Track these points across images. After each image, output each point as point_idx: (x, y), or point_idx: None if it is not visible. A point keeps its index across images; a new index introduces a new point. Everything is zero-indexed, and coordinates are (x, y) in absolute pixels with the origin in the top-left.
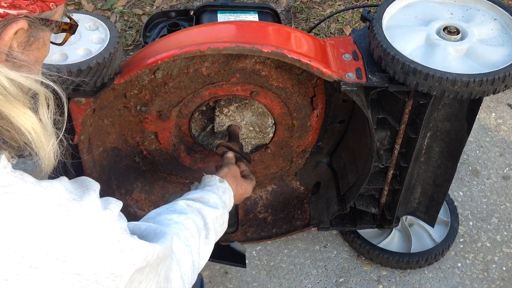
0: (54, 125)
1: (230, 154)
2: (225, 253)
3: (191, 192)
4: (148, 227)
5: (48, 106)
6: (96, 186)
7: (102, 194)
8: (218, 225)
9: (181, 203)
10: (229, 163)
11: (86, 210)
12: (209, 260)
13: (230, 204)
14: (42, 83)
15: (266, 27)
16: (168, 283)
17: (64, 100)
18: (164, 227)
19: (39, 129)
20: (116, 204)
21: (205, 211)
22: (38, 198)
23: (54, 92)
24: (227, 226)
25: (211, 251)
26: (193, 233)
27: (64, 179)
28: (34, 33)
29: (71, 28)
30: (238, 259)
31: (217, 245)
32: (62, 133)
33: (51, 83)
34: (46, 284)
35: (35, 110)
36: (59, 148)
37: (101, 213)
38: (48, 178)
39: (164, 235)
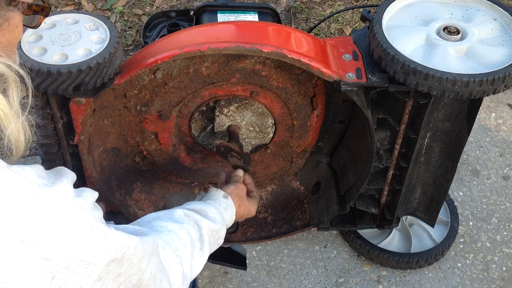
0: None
1: (240, 173)
2: (226, 255)
3: (193, 202)
4: (133, 228)
5: (17, 89)
6: (70, 175)
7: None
8: (214, 238)
9: (179, 211)
10: (237, 181)
11: (57, 195)
12: (209, 261)
13: (230, 221)
14: (11, 66)
15: (266, 27)
16: (156, 283)
17: (30, 84)
18: (149, 231)
19: (7, 110)
20: (90, 194)
21: (203, 223)
22: (7, 182)
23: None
24: (222, 241)
25: (204, 262)
26: (186, 243)
27: (38, 166)
28: (1, 14)
29: (43, 10)
30: (239, 261)
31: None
32: (26, 114)
33: (17, 67)
34: (13, 267)
35: (4, 93)
36: (30, 132)
37: (73, 200)
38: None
39: (146, 235)
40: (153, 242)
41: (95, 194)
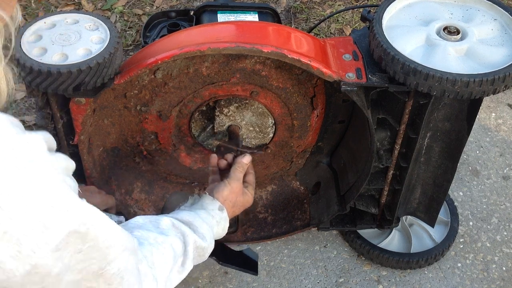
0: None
1: (247, 160)
2: (237, 258)
3: (183, 211)
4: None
5: None
6: (49, 138)
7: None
8: (198, 255)
9: (166, 220)
10: (236, 178)
11: (26, 143)
12: (220, 263)
13: (220, 235)
14: None
15: (266, 27)
16: (123, 285)
17: (12, 30)
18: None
19: None
20: (64, 159)
21: (190, 237)
22: None
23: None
24: (206, 258)
25: (183, 277)
26: (167, 259)
27: (12, 118)
28: None
29: None
30: (250, 266)
31: (229, 249)
32: (8, 63)
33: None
34: None
35: None
36: (12, 77)
37: (43, 153)
38: None
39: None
40: (133, 242)
41: (70, 163)
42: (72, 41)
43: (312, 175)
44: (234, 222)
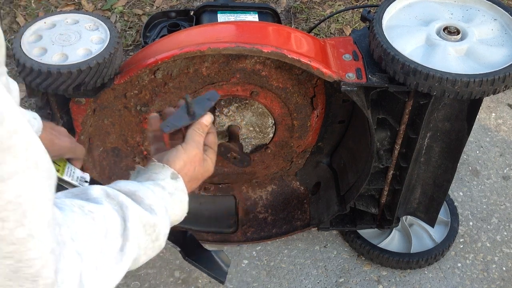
0: None
1: (208, 119)
2: (206, 259)
3: (121, 181)
4: None
5: None
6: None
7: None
8: (149, 237)
9: (97, 189)
10: (194, 142)
11: None
12: (185, 259)
13: (179, 215)
14: None
15: (266, 27)
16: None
17: None
18: None
19: None
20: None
21: (131, 210)
22: None
23: None
24: (163, 244)
25: (124, 272)
26: (99, 235)
27: None
28: None
29: None
30: (218, 273)
31: (201, 246)
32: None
33: None
34: None
35: None
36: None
37: None
38: None
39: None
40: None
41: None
42: (72, 41)
43: (312, 175)
44: (234, 222)
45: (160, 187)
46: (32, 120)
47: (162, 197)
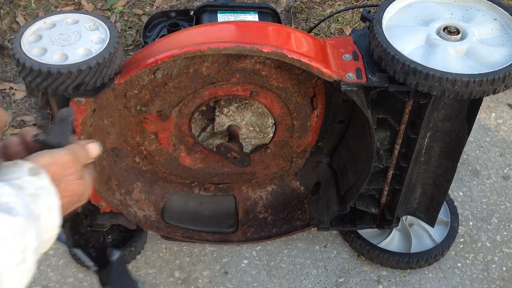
0: None
1: (93, 150)
2: (121, 273)
3: None
4: None
5: None
6: None
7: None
8: (12, 247)
9: None
10: (72, 147)
11: None
12: (97, 273)
13: (52, 224)
14: None
15: (266, 27)
16: None
17: None
18: None
19: None
20: None
21: None
22: None
23: None
24: (39, 252)
25: None
26: None
27: None
28: None
29: None
30: None
31: (123, 269)
32: None
33: None
34: None
35: None
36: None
37: None
38: None
39: None
40: None
41: None
42: (72, 41)
43: (312, 175)
44: (234, 222)
45: (16, 187)
46: None
47: (18, 196)
